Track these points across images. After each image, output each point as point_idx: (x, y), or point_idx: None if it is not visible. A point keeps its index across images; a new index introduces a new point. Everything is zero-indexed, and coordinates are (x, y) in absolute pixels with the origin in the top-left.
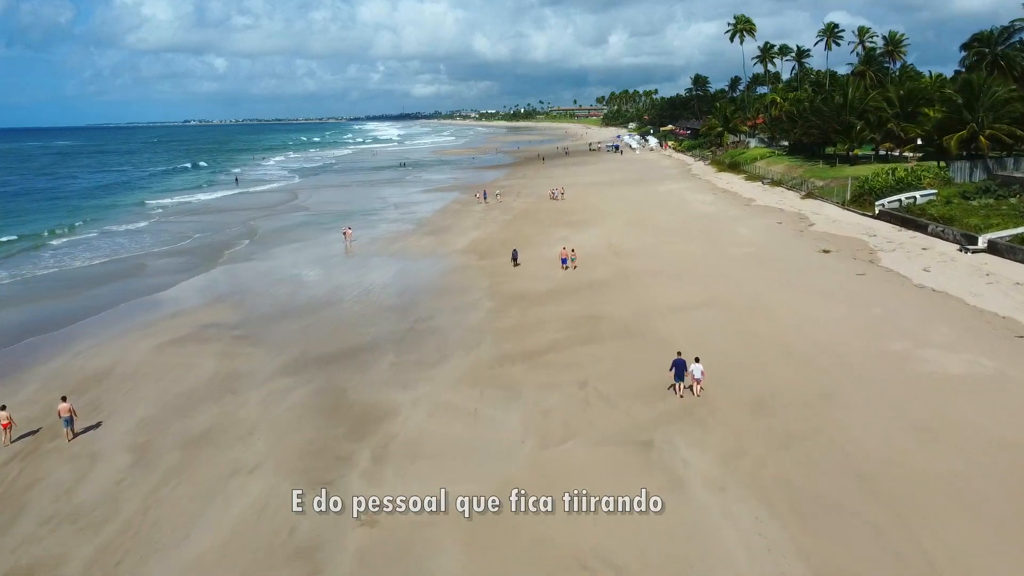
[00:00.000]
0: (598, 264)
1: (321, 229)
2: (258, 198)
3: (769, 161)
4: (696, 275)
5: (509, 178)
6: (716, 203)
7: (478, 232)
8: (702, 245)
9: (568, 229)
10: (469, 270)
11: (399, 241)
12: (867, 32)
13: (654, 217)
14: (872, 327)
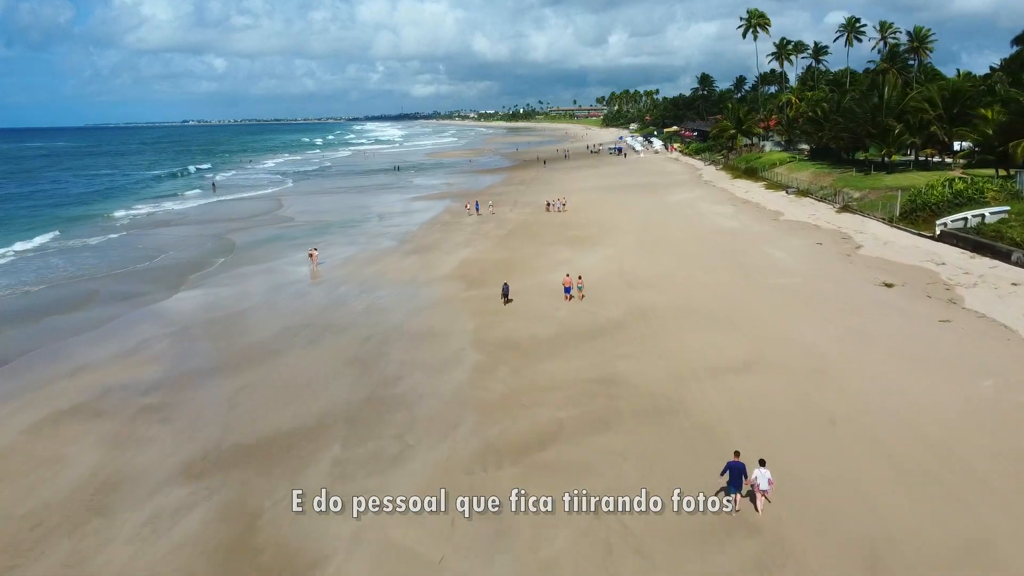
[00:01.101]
0: (608, 297)
1: (295, 246)
2: (241, 206)
3: (790, 167)
4: (731, 316)
5: (506, 183)
6: (738, 216)
7: (468, 251)
8: (731, 273)
9: (571, 248)
10: (453, 305)
11: (376, 263)
12: (890, 27)
13: (669, 233)
14: (997, 414)
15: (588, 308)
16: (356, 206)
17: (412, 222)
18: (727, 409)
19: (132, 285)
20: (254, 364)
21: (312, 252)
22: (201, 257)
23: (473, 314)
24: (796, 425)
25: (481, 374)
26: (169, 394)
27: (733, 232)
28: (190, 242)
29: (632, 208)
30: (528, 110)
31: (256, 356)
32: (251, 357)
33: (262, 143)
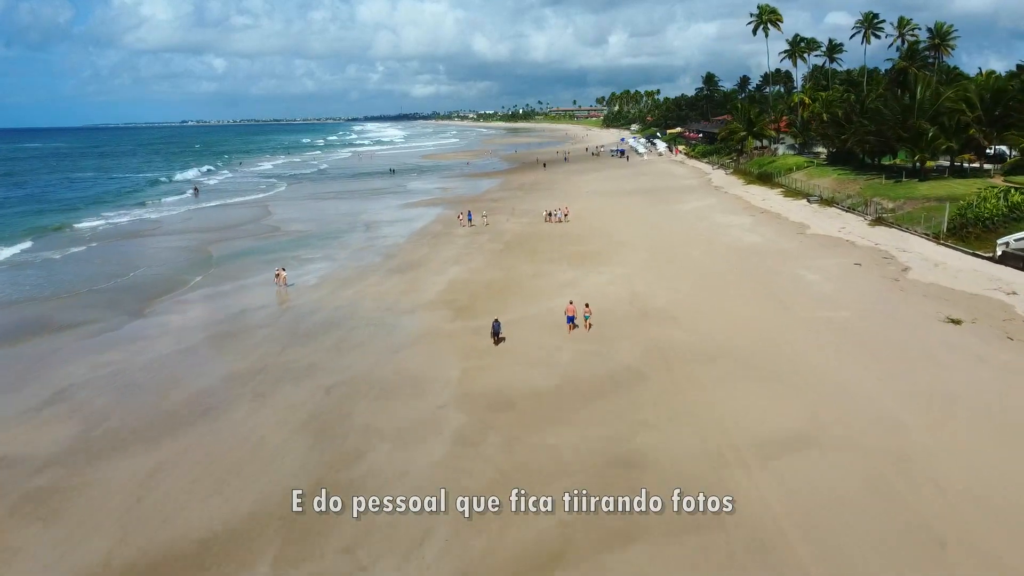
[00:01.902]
0: (620, 330)
1: (274, 261)
2: (225, 214)
3: (809, 173)
4: (772, 362)
5: (503, 188)
6: (759, 229)
7: (458, 270)
8: (763, 301)
9: (574, 267)
10: (436, 342)
11: (355, 283)
12: (908, 23)
13: (684, 249)
14: None
15: (597, 347)
16: (345, 213)
17: (400, 233)
18: (786, 513)
19: (82, 311)
20: (184, 427)
21: (279, 272)
22: (169, 275)
23: (459, 354)
24: (890, 545)
25: (464, 447)
26: (67, 473)
27: (756, 249)
28: (162, 257)
29: (640, 218)
30: (527, 110)
31: (189, 416)
32: (183, 417)
33: (259, 144)
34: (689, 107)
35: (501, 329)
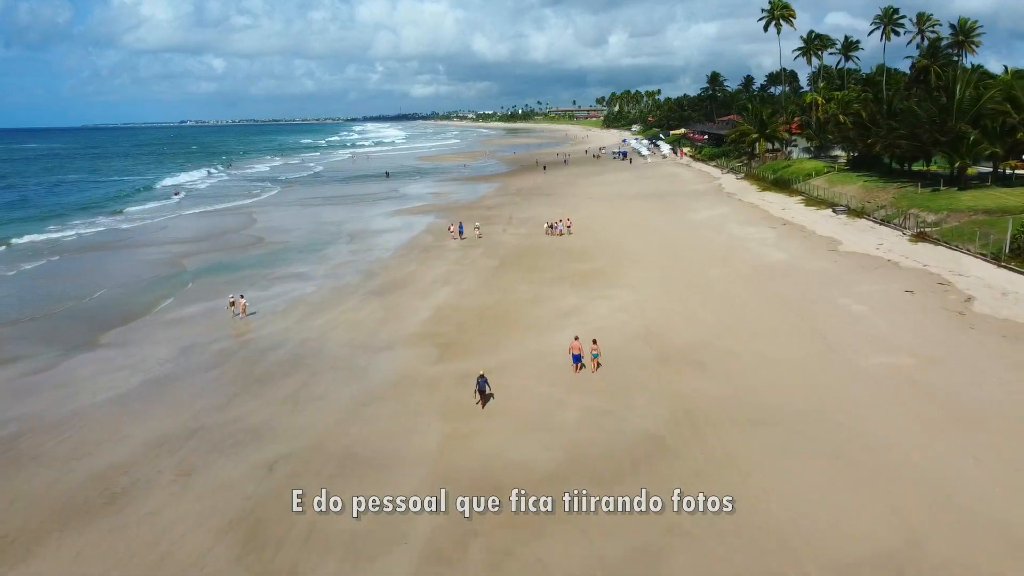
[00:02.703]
0: (635, 377)
1: (248, 280)
2: (207, 223)
3: (830, 179)
4: (833, 432)
5: (500, 193)
6: (784, 245)
7: (446, 293)
8: (805, 341)
9: (578, 289)
10: (414, 393)
11: (328, 309)
12: (928, 19)
13: (700, 268)
14: None
15: (608, 403)
16: (331, 222)
17: (387, 245)
18: None
19: (13, 345)
20: (76, 524)
21: (235, 300)
22: (131, 297)
23: (440, 413)
24: None
25: (437, 566)
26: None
27: (784, 269)
28: (129, 273)
29: (649, 229)
30: (527, 111)
31: (88, 504)
32: (79, 506)
33: (256, 145)
34: (692, 107)
35: (488, 386)
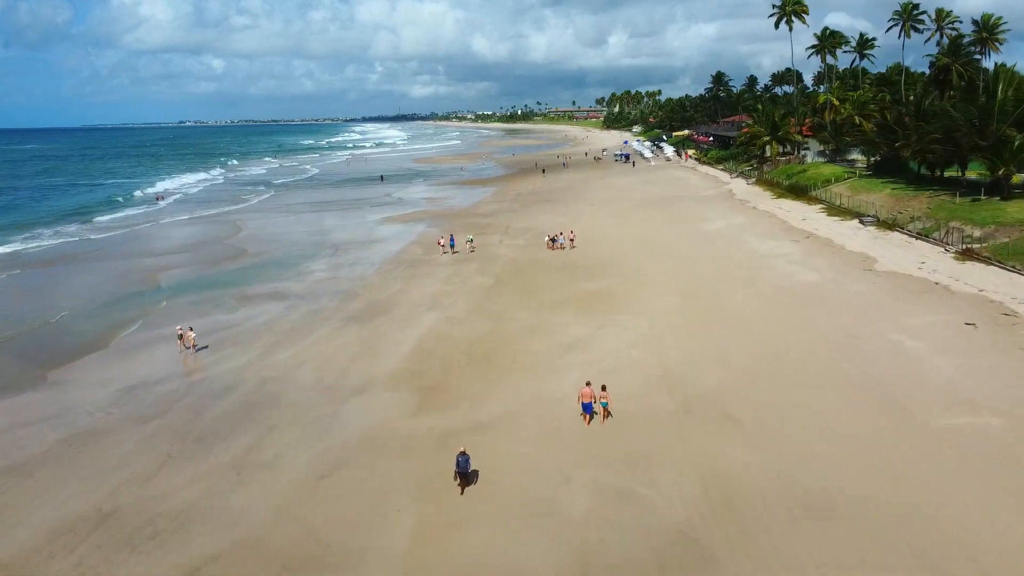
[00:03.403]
0: (656, 439)
1: (213, 304)
2: (188, 232)
3: (852, 187)
4: (921, 529)
5: (497, 199)
6: (812, 262)
7: (432, 319)
8: (859, 393)
9: (583, 317)
10: (384, 460)
11: (296, 340)
12: (947, 16)
13: (721, 290)
14: None
15: (626, 480)
16: (318, 231)
17: (372, 259)
18: None
19: None
20: None
21: (183, 332)
22: (94, 319)
23: (415, 489)
24: None
25: None
26: None
27: (817, 292)
28: (97, 291)
29: (659, 242)
30: (526, 111)
31: None
32: None
33: (253, 146)
34: (694, 108)
35: (471, 465)
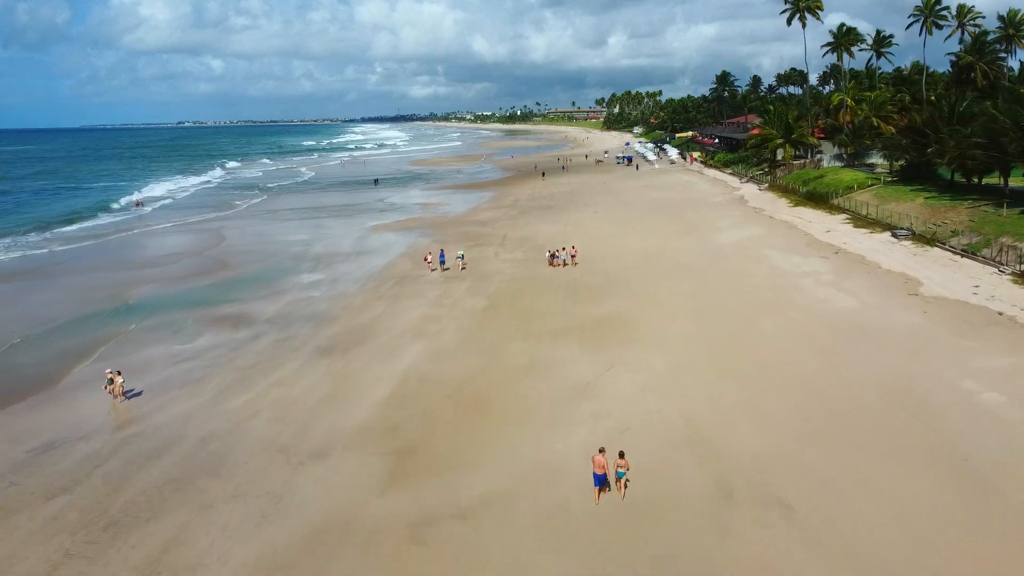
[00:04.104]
0: (688, 537)
1: (161, 331)
2: (172, 241)
3: (878, 194)
4: None
5: (494, 205)
6: (847, 284)
7: (417, 351)
8: (936, 464)
9: (589, 347)
10: (341, 559)
11: (255, 379)
12: (969, 12)
13: (746, 317)
14: None
15: None
16: (302, 240)
17: (355, 275)
18: None
19: None
20: None
21: (112, 376)
22: (40, 350)
23: None
24: None
25: None
26: None
27: (859, 322)
28: (60, 311)
29: (668, 256)
30: (525, 112)
31: None
32: None
33: (250, 147)
34: (697, 109)
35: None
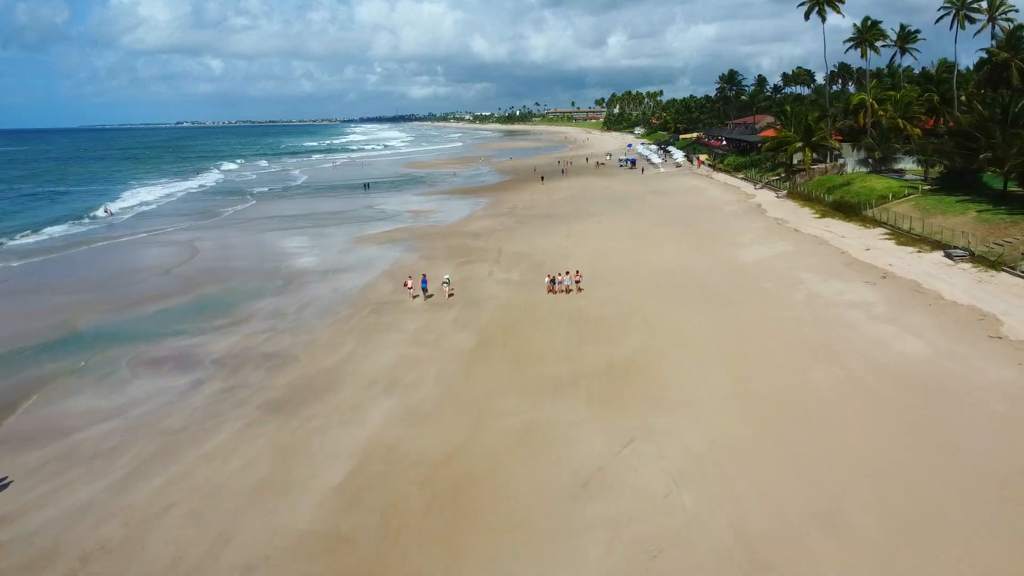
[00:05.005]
0: None
1: (110, 378)
2: (139, 254)
3: (919, 205)
4: None
5: (490, 213)
6: (905, 319)
7: (386, 410)
8: None
9: (601, 412)
10: None
11: (177, 453)
12: (1001, 5)
13: (790, 364)
14: None
15: None
16: (277, 254)
17: (326, 299)
18: None
19: None
20: None
21: None
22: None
23: None
24: None
25: None
26: None
27: (937, 377)
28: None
29: (686, 277)
30: (524, 112)
31: None
32: None
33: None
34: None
35: None
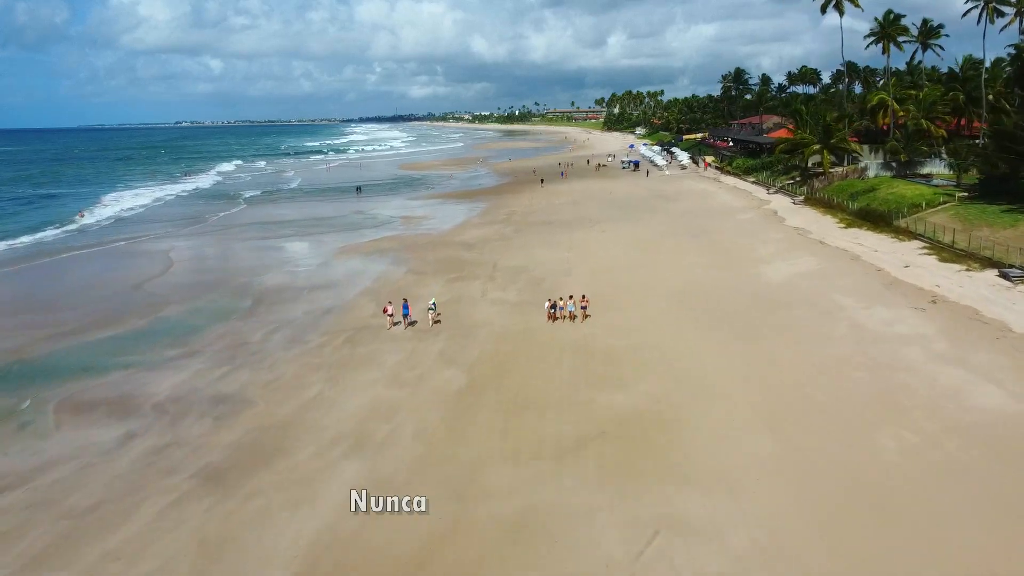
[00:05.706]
0: None
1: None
2: (110, 264)
3: (960, 215)
4: None
5: (486, 221)
6: (971, 359)
7: (346, 482)
8: None
9: (615, 492)
10: None
11: (77, 546)
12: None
13: (845, 424)
14: None
15: None
16: (253, 267)
17: (299, 322)
18: None
19: None
20: None
21: None
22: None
23: None
24: None
25: None
26: None
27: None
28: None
29: (707, 301)
30: (524, 112)
31: None
32: None
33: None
34: (703, 109)
35: None
